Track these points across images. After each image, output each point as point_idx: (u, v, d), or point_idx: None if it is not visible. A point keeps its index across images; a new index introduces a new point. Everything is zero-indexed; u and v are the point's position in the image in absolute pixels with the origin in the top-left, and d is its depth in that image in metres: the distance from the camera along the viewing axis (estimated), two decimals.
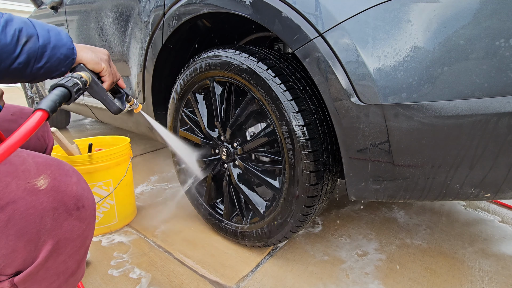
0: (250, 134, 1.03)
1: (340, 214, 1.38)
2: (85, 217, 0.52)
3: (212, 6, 0.91)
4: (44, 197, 0.47)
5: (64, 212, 0.49)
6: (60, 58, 0.53)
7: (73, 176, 0.53)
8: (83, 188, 0.53)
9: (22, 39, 0.47)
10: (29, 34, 0.48)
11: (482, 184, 0.64)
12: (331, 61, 0.67)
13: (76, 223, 0.51)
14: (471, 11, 0.55)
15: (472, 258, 1.08)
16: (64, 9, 1.84)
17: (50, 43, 0.51)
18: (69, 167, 0.54)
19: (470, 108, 0.57)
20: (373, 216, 1.36)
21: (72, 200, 0.50)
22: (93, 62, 0.59)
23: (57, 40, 0.52)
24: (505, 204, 1.46)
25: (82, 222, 0.52)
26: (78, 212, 0.51)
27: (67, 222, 0.49)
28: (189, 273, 1.00)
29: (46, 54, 0.50)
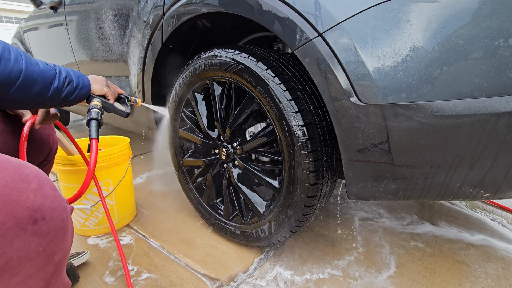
0: (249, 134, 1.03)
1: (342, 213, 1.38)
2: (46, 231, 0.44)
3: (211, 6, 0.91)
4: None
5: (14, 226, 0.41)
6: (82, 94, 0.74)
7: (33, 182, 0.45)
8: (44, 196, 0.45)
9: (66, 83, 0.68)
10: (70, 80, 0.70)
11: (481, 183, 0.64)
12: (330, 61, 0.67)
13: (34, 239, 0.43)
14: (470, 11, 0.55)
15: (472, 258, 1.08)
16: (63, 9, 1.84)
17: (79, 86, 0.73)
18: (30, 171, 0.46)
19: (469, 108, 0.57)
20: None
21: (27, 211, 0.42)
22: (99, 90, 0.81)
23: (82, 83, 0.74)
24: (505, 208, 1.46)
25: (43, 237, 0.44)
26: (35, 226, 0.43)
27: (19, 240, 0.41)
28: (189, 273, 1.00)
29: (76, 92, 0.72)
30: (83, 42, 1.72)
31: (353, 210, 1.40)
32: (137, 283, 0.95)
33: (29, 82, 0.60)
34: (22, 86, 0.58)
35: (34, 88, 0.61)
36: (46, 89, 0.63)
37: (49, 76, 0.64)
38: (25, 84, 0.59)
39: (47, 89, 0.63)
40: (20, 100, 0.61)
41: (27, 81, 0.59)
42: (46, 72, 0.63)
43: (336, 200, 1.51)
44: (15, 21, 12.66)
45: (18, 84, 0.58)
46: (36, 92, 0.62)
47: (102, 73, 1.71)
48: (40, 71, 0.62)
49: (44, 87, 0.63)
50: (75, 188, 1.15)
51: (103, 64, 1.64)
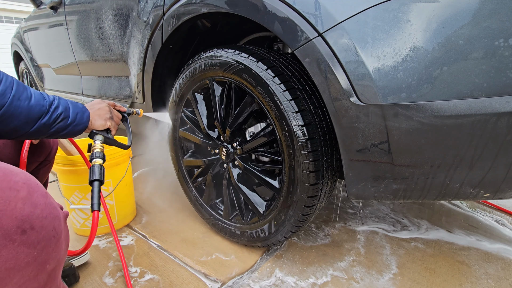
0: (249, 134, 1.03)
1: (339, 213, 1.38)
2: (36, 240, 0.43)
3: (211, 6, 0.91)
4: None
5: (1, 237, 0.40)
6: (75, 131, 0.71)
7: (22, 190, 0.43)
8: (33, 205, 0.43)
9: (58, 119, 0.65)
10: (65, 116, 0.67)
11: (481, 183, 0.64)
12: (330, 61, 0.67)
13: (22, 249, 0.42)
14: (470, 11, 0.55)
15: (472, 258, 1.08)
16: (63, 9, 1.84)
17: (74, 122, 0.70)
18: (19, 178, 0.44)
19: (469, 108, 0.57)
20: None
21: (14, 221, 0.41)
22: (101, 126, 0.79)
23: (79, 120, 0.71)
24: (505, 210, 1.46)
25: (32, 247, 0.43)
26: (23, 237, 0.41)
27: (6, 250, 0.40)
28: (189, 273, 1.00)
29: (68, 128, 0.69)
30: (83, 42, 1.72)
31: (351, 210, 1.40)
32: (137, 284, 0.95)
33: (8, 117, 0.56)
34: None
35: (13, 123, 0.58)
36: (29, 124, 0.60)
37: (36, 112, 0.61)
38: (2, 119, 0.56)
39: (29, 124, 0.61)
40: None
41: (6, 116, 0.56)
42: (34, 108, 0.60)
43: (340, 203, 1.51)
44: (15, 21, 12.66)
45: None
46: (13, 127, 0.58)
47: (102, 73, 1.71)
48: (27, 106, 0.59)
49: (26, 122, 0.60)
50: (75, 188, 1.15)
51: (103, 64, 1.64)
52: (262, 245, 1.05)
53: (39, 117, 0.62)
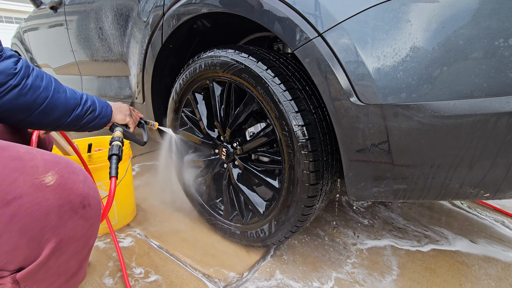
0: (249, 134, 1.03)
1: (338, 213, 1.38)
2: (90, 216, 0.52)
3: (211, 6, 0.91)
4: (50, 194, 0.47)
5: (69, 210, 0.49)
6: (102, 122, 0.80)
7: (80, 174, 0.53)
8: (89, 187, 0.53)
9: (88, 111, 0.74)
10: (93, 109, 0.75)
11: (481, 183, 0.64)
12: (330, 61, 0.67)
13: (81, 222, 0.51)
14: (470, 11, 0.55)
15: (471, 258, 1.08)
16: (63, 9, 1.84)
17: (101, 115, 0.78)
18: (77, 165, 0.55)
19: (469, 108, 0.57)
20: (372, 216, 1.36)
21: (78, 198, 0.50)
22: (122, 120, 0.87)
23: (104, 113, 0.80)
24: (505, 212, 1.46)
25: (87, 221, 0.52)
26: (83, 211, 0.51)
27: (71, 221, 0.49)
28: (189, 273, 1.00)
29: (96, 120, 0.77)
30: (83, 42, 1.72)
31: (346, 209, 1.40)
32: (138, 284, 0.95)
33: (51, 108, 0.65)
34: (43, 111, 0.64)
35: (55, 113, 0.66)
36: (66, 115, 0.69)
37: (72, 104, 0.69)
38: (46, 110, 0.64)
39: (67, 115, 0.69)
40: (39, 123, 0.66)
41: (49, 107, 0.64)
42: (70, 100, 0.69)
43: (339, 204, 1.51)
44: (15, 21, 12.66)
45: (40, 110, 0.63)
46: (55, 117, 0.67)
47: (102, 73, 1.71)
48: (65, 98, 0.68)
49: (64, 113, 0.68)
50: None
51: (103, 64, 1.64)
52: (262, 245, 1.05)
53: (74, 108, 0.70)
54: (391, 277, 0.99)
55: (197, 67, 1.04)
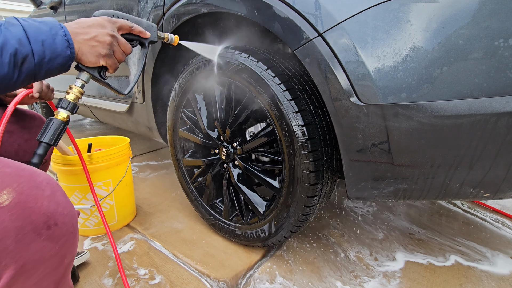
0: (249, 134, 1.03)
1: (339, 214, 1.38)
2: (58, 236, 0.46)
3: (211, 6, 0.91)
4: (5, 215, 0.41)
5: (30, 232, 0.43)
6: (58, 67, 0.54)
7: (46, 189, 0.46)
8: (57, 203, 0.47)
9: (18, 62, 0.48)
10: (24, 55, 0.49)
11: (481, 183, 0.64)
12: (330, 61, 0.67)
13: (47, 243, 0.45)
14: (470, 11, 0.55)
15: (472, 258, 1.08)
16: (63, 9, 1.84)
17: (45, 58, 0.51)
18: (43, 178, 0.47)
19: (469, 108, 0.57)
20: (372, 217, 1.36)
21: (42, 217, 0.44)
22: (90, 62, 0.59)
23: (52, 51, 0.51)
24: (504, 213, 1.46)
25: (55, 242, 0.46)
26: (49, 232, 0.45)
27: (35, 243, 0.43)
28: (189, 273, 1.00)
29: (44, 67, 0.52)
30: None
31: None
32: (138, 284, 0.95)
33: None
34: None
35: None
36: None
37: None
38: None
39: None
40: None
41: None
42: None
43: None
44: None
45: None
46: None
47: None
48: None
49: None
50: (75, 188, 1.15)
51: None
52: (262, 245, 1.05)
53: None
54: (395, 281, 0.99)
55: (197, 67, 1.04)
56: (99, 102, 1.79)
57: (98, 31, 0.58)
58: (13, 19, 0.50)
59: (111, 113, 1.73)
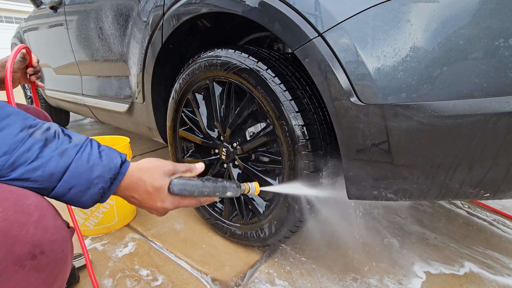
0: (249, 134, 1.03)
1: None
2: (45, 264, 0.42)
3: (211, 6, 0.91)
4: None
5: (12, 264, 0.39)
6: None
7: (34, 214, 0.42)
8: (44, 229, 0.42)
9: (31, 178, 0.45)
10: (42, 186, 0.46)
11: (481, 183, 0.64)
12: (330, 61, 0.67)
13: (32, 274, 0.41)
14: (470, 11, 0.55)
15: (471, 259, 1.08)
16: (63, 9, 1.84)
17: (58, 198, 0.48)
18: (31, 201, 0.42)
19: (469, 108, 0.57)
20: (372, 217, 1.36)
21: (26, 247, 0.40)
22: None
23: (73, 202, 0.49)
24: (504, 214, 1.46)
25: (41, 272, 0.42)
26: (33, 262, 0.41)
27: (17, 275, 0.40)
28: (189, 273, 1.00)
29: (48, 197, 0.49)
30: (83, 42, 1.72)
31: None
32: (138, 284, 0.95)
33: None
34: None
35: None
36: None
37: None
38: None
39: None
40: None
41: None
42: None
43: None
44: (15, 21, 12.67)
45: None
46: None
47: (102, 73, 1.71)
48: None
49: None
50: None
51: (103, 64, 1.64)
52: (263, 245, 1.05)
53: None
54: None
55: (197, 67, 1.04)
56: (99, 102, 1.79)
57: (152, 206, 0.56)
58: (76, 146, 0.47)
59: (111, 113, 1.73)
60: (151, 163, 0.55)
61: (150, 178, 0.53)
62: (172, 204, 0.56)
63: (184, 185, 0.56)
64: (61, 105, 2.51)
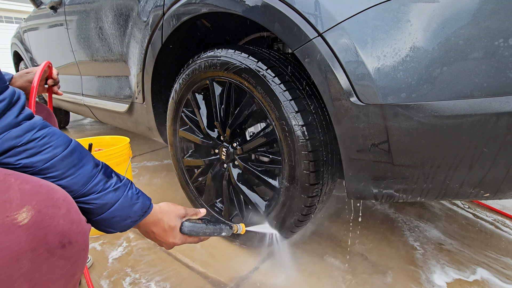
0: (249, 134, 1.03)
1: (341, 217, 1.38)
2: (71, 254, 0.46)
3: (211, 6, 0.91)
4: (23, 235, 0.41)
5: (44, 252, 0.43)
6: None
7: (62, 207, 0.47)
8: (71, 221, 0.47)
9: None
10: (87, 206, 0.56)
11: (481, 184, 0.64)
12: (330, 61, 0.67)
13: (60, 262, 0.45)
14: (470, 11, 0.55)
15: (473, 258, 1.08)
16: (63, 9, 1.84)
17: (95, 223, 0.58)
18: (60, 195, 0.48)
19: (469, 108, 0.57)
20: (372, 217, 1.36)
21: (57, 237, 0.44)
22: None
23: (109, 228, 0.59)
24: (505, 214, 1.45)
25: (68, 260, 0.46)
26: (62, 251, 0.45)
27: (48, 263, 0.43)
28: (189, 274, 1.00)
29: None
30: (83, 42, 1.72)
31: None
32: (138, 284, 0.95)
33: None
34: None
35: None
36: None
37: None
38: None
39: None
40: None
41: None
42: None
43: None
44: (15, 21, 12.67)
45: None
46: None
47: (102, 73, 1.71)
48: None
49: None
50: None
51: (103, 64, 1.64)
52: (262, 245, 1.05)
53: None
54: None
55: (197, 67, 1.04)
56: (99, 102, 1.79)
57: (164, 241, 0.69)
58: (125, 186, 0.60)
59: (111, 113, 1.73)
60: (168, 207, 0.69)
61: (168, 219, 0.67)
62: (180, 240, 0.70)
63: (192, 227, 0.71)
64: (61, 105, 2.51)
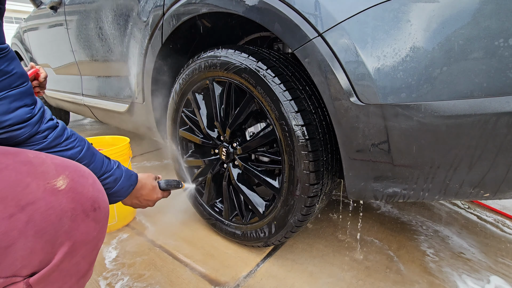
0: (249, 134, 1.03)
1: (343, 217, 1.38)
2: (100, 218, 0.53)
3: (211, 6, 0.91)
4: (63, 197, 0.48)
5: (81, 213, 0.50)
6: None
7: (90, 178, 0.54)
8: (98, 190, 0.55)
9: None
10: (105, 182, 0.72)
11: (481, 184, 0.64)
12: (330, 61, 0.67)
13: (93, 224, 0.52)
14: (470, 11, 0.55)
15: (472, 258, 1.09)
16: (63, 9, 1.84)
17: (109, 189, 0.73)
18: (85, 169, 0.55)
19: (469, 108, 0.57)
20: (372, 218, 1.36)
21: (89, 201, 0.51)
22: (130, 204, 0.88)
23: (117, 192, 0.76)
24: (505, 214, 1.46)
25: (98, 223, 0.53)
26: (94, 213, 0.52)
27: (84, 223, 0.50)
28: (189, 273, 1.00)
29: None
30: (83, 42, 1.72)
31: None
32: (138, 284, 0.95)
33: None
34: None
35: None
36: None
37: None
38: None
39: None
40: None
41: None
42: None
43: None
44: (15, 21, 12.68)
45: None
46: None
47: (102, 73, 1.71)
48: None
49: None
50: None
51: (103, 64, 1.64)
52: (263, 245, 1.05)
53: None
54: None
55: (197, 67, 1.04)
56: (99, 102, 1.79)
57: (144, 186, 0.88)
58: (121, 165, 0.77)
59: (111, 113, 1.73)
60: (144, 174, 0.89)
61: (149, 182, 0.89)
62: (162, 195, 0.95)
63: (166, 183, 0.97)
64: (61, 105, 2.51)
